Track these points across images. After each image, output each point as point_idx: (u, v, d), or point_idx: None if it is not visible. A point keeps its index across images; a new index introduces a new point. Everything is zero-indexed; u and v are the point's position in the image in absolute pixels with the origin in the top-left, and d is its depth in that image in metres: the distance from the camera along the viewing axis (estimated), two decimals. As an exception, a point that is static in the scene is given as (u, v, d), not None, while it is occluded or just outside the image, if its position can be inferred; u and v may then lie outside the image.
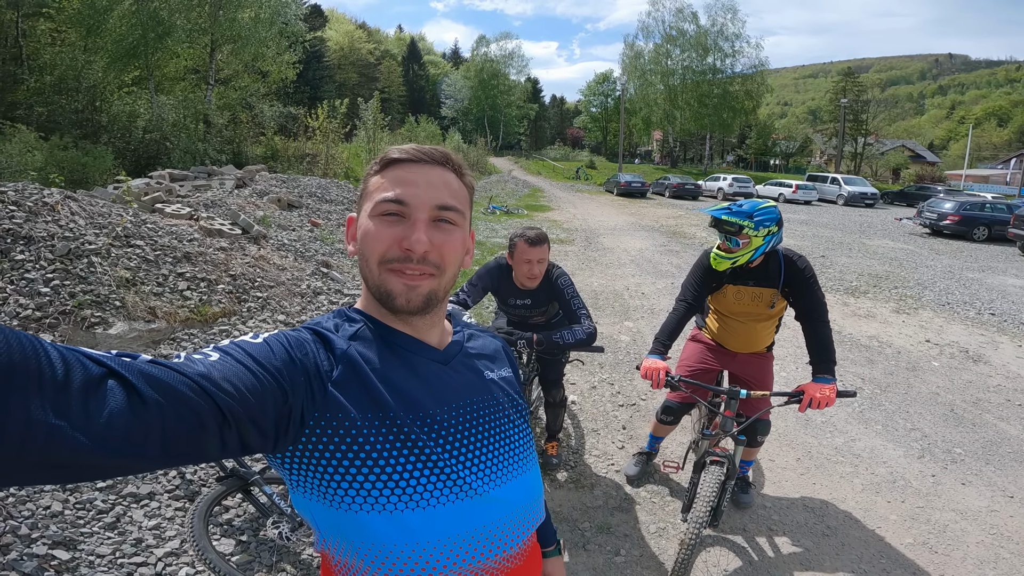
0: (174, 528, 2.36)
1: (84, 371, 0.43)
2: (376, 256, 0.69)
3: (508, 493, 0.73)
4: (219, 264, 4.12)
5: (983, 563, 2.54)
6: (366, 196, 0.74)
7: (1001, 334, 6.02)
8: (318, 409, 0.62)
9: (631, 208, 20.43)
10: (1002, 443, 3.63)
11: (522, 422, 0.82)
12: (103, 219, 3.83)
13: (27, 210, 3.55)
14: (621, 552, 2.53)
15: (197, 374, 0.51)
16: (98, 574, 2.07)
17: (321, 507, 0.64)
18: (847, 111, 41.63)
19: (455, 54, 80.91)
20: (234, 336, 3.75)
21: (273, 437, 0.58)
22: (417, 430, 0.66)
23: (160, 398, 0.46)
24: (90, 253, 3.39)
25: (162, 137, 15.50)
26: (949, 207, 15.12)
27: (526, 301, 2.71)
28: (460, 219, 0.74)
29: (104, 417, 0.42)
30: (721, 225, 2.28)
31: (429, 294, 0.71)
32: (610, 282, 7.87)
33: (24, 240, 3.32)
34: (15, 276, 3.19)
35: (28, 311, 3.06)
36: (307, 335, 0.67)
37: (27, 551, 2.05)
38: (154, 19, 16.39)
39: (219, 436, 0.51)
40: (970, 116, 70.79)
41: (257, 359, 0.58)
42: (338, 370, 0.65)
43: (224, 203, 6.64)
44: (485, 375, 0.80)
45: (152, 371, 0.48)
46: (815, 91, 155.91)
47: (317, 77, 41.58)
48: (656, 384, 2.27)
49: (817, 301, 2.37)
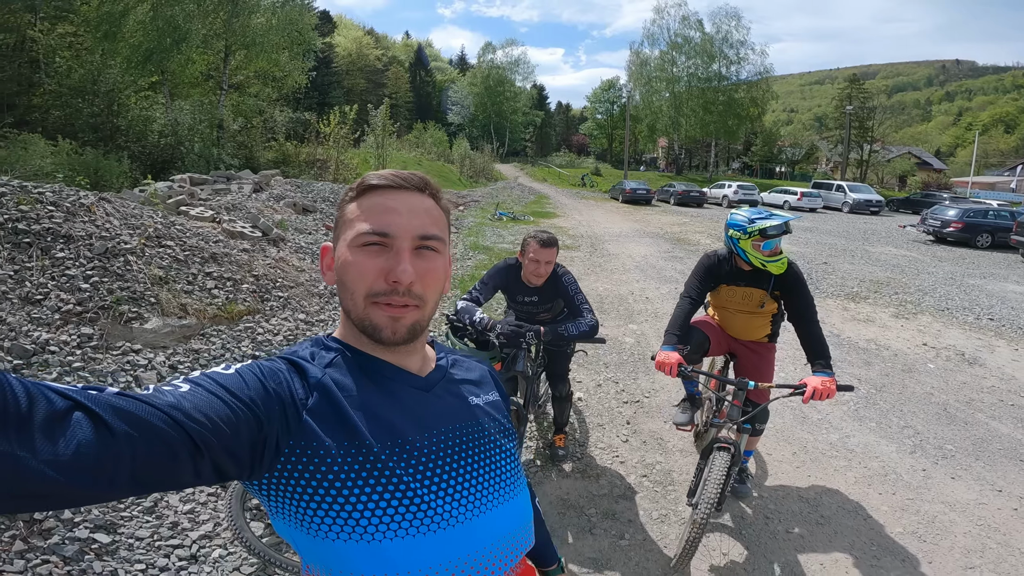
0: (207, 512, 2.51)
1: (48, 404, 0.44)
2: (362, 291, 0.69)
3: (493, 521, 0.72)
4: (243, 265, 4.33)
5: (970, 552, 2.67)
6: (344, 224, 0.73)
7: (998, 338, 6.15)
8: (292, 437, 0.62)
9: (636, 215, 20.58)
10: (993, 440, 3.77)
11: (510, 446, 0.81)
12: (135, 220, 4.05)
13: (65, 211, 3.77)
14: (625, 536, 2.69)
15: (167, 405, 0.52)
16: (137, 556, 2.21)
17: (300, 534, 0.64)
18: (852, 118, 41.69)
19: (461, 60, 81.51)
20: (256, 333, 3.95)
21: (248, 465, 0.59)
22: (394, 459, 0.66)
23: (130, 429, 0.47)
24: (125, 252, 3.60)
25: (177, 142, 15.81)
26: (952, 214, 15.21)
27: (533, 298, 2.90)
28: (442, 247, 0.74)
29: (71, 449, 0.43)
30: (777, 229, 2.49)
31: (414, 325, 0.71)
32: (615, 287, 8.03)
33: (64, 239, 3.54)
34: (56, 273, 3.41)
35: (69, 306, 3.27)
36: (281, 365, 0.67)
37: (69, 535, 2.18)
38: (170, 25, 16.77)
39: (192, 466, 0.52)
40: (977, 122, 70.59)
41: (230, 389, 0.59)
42: (313, 398, 0.65)
43: (243, 207, 6.89)
44: (470, 400, 0.79)
45: (120, 403, 0.48)
46: (821, 97, 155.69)
47: (326, 83, 42.04)
48: (670, 373, 2.44)
49: (808, 303, 2.59)
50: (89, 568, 2.09)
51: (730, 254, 2.71)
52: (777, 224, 2.48)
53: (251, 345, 3.70)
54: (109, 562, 2.15)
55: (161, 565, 2.20)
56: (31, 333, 3.09)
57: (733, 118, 41.72)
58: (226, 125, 18.33)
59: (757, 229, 2.49)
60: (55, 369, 2.99)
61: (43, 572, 2.02)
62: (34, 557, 2.06)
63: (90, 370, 3.06)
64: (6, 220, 3.58)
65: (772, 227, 2.47)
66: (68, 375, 3.01)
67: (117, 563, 2.15)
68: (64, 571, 2.05)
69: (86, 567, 2.08)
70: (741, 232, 2.54)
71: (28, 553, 2.07)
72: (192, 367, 3.35)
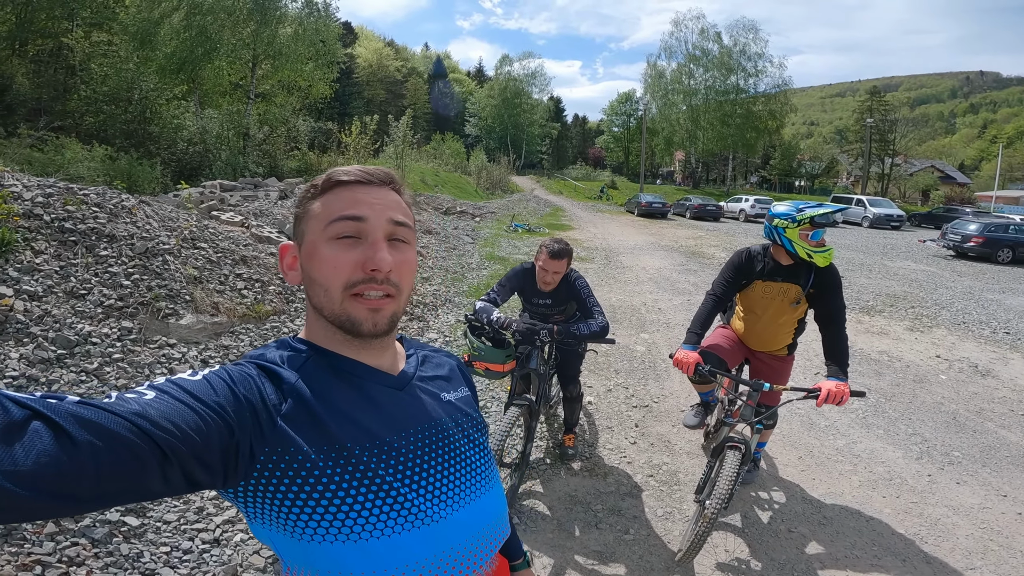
0: (233, 497, 2.69)
1: (4, 414, 0.42)
2: (339, 283, 0.68)
3: (470, 515, 0.73)
4: (270, 268, 4.55)
5: (971, 554, 2.72)
6: (310, 219, 0.71)
7: (1013, 351, 6.12)
8: (268, 444, 0.62)
9: (651, 228, 20.62)
10: (1001, 448, 3.80)
11: (482, 439, 0.82)
12: (172, 222, 4.30)
13: (108, 211, 4.02)
14: (630, 531, 2.79)
15: (132, 413, 0.50)
16: (163, 539, 2.33)
17: (283, 537, 0.64)
18: (873, 131, 41.30)
19: (479, 72, 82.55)
20: (282, 332, 4.15)
21: (221, 473, 0.58)
22: (374, 461, 0.66)
23: (92, 439, 0.46)
24: (164, 252, 3.84)
25: (205, 149, 16.32)
26: (973, 229, 15.02)
27: (547, 301, 3.04)
28: (411, 236, 0.74)
29: (30, 460, 0.42)
30: (825, 218, 2.46)
31: (392, 316, 0.71)
32: (628, 298, 8.13)
33: (108, 238, 3.78)
34: (99, 269, 3.64)
35: (111, 301, 3.50)
36: (251, 369, 0.66)
37: (100, 518, 2.28)
38: (202, 35, 17.36)
39: (160, 474, 0.51)
40: (1002, 135, 69.21)
41: (197, 396, 0.57)
42: (287, 404, 0.65)
43: (270, 212, 7.17)
44: (442, 397, 0.80)
45: (82, 412, 0.47)
46: (842, 110, 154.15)
47: (347, 93, 42.90)
48: (687, 372, 2.51)
49: (839, 306, 2.55)
50: (116, 550, 2.17)
51: (765, 249, 2.69)
52: (826, 212, 2.45)
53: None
54: (136, 544, 2.24)
55: (185, 548, 2.30)
56: (75, 325, 3.32)
57: (751, 131, 41.59)
58: (252, 134, 18.85)
59: (808, 217, 2.45)
60: (96, 359, 3.21)
61: (71, 554, 2.08)
62: (64, 539, 2.13)
63: (128, 361, 3.27)
64: (53, 219, 3.84)
65: (820, 215, 2.44)
66: (108, 365, 3.23)
67: (144, 545, 2.25)
68: (92, 553, 2.11)
69: (113, 549, 2.17)
70: (789, 221, 2.48)
71: (58, 535, 2.14)
72: (223, 362, 3.55)
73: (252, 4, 18.38)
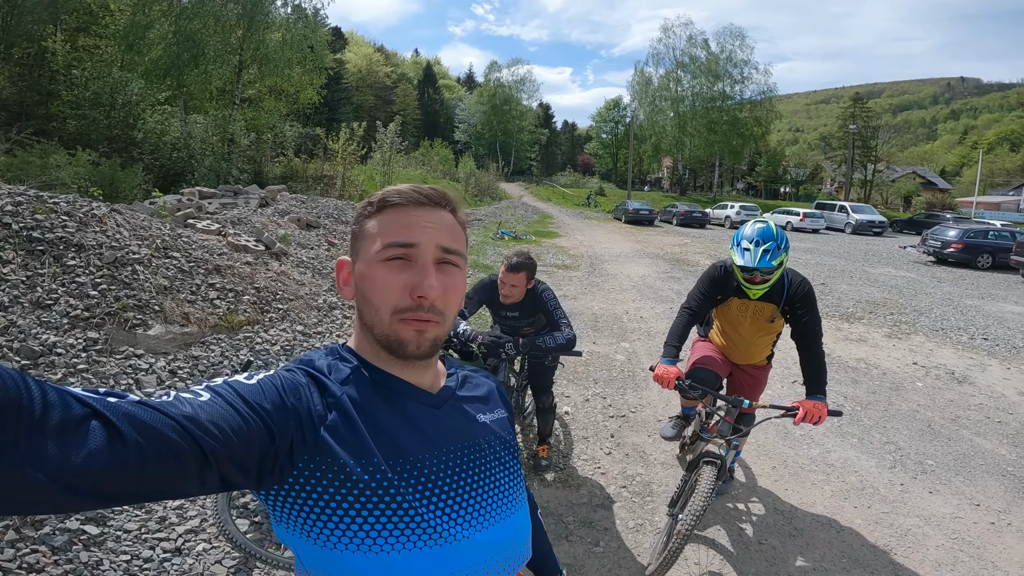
0: (195, 508, 2.61)
1: (65, 411, 0.44)
2: (388, 307, 0.70)
3: (493, 536, 0.73)
4: (245, 277, 4.49)
5: (940, 565, 2.72)
6: (365, 238, 0.73)
7: (991, 357, 6.20)
8: (308, 452, 0.64)
9: (638, 236, 20.72)
10: (975, 456, 3.83)
11: (513, 463, 0.83)
12: (144, 231, 4.23)
13: (78, 220, 3.95)
14: (600, 544, 2.76)
15: (183, 416, 0.52)
16: (123, 547, 2.29)
17: (303, 543, 0.66)
18: (856, 138, 41.94)
19: (469, 78, 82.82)
20: (255, 342, 4.10)
21: (256, 477, 0.59)
22: (400, 479, 0.67)
23: (140, 439, 0.47)
24: (134, 262, 3.77)
25: (189, 155, 16.16)
26: (953, 235, 15.26)
27: (515, 313, 3.03)
28: (462, 262, 0.75)
29: (81, 458, 0.43)
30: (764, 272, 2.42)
31: (435, 339, 0.72)
32: (611, 306, 8.14)
33: (76, 247, 3.71)
34: (66, 279, 3.57)
35: (77, 311, 3.43)
36: (302, 378, 0.68)
37: (60, 526, 2.25)
38: (189, 40, 17.22)
39: (199, 476, 0.52)
40: (982, 141, 70.42)
41: (247, 400, 0.60)
42: (331, 416, 0.67)
43: (249, 221, 7.09)
44: (478, 418, 0.80)
45: (137, 412, 0.49)
46: (827, 117, 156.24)
47: (336, 99, 42.75)
48: (667, 386, 2.48)
49: (815, 322, 2.54)
50: (76, 558, 2.16)
51: None
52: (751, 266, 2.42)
53: (249, 353, 3.84)
54: (96, 552, 2.23)
55: (146, 556, 2.28)
56: (39, 336, 3.24)
57: (737, 138, 42.04)
58: (237, 140, 18.70)
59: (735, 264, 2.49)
60: (60, 370, 3.14)
61: (31, 560, 2.07)
62: (24, 547, 2.12)
63: (93, 372, 3.20)
64: (22, 228, 3.76)
65: (747, 266, 2.43)
66: (73, 376, 3.16)
67: (103, 553, 2.24)
68: (52, 560, 2.11)
69: (73, 556, 2.16)
70: (732, 248, 2.51)
71: (19, 543, 2.13)
72: (191, 373, 3.49)
73: (240, 10, 18.26)
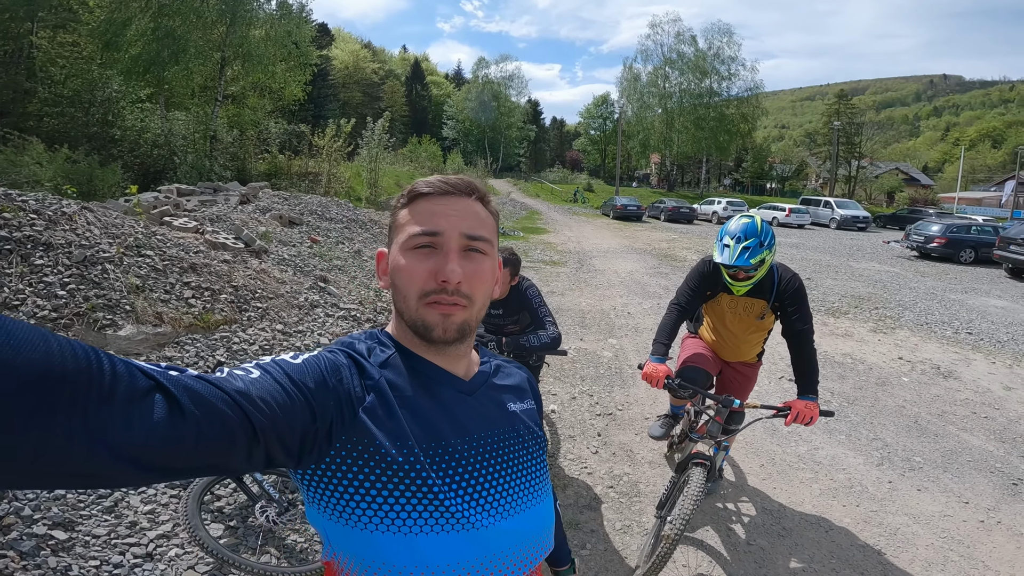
0: (168, 513, 2.51)
1: (132, 382, 0.45)
2: (415, 292, 0.72)
3: (517, 525, 0.74)
4: (222, 275, 4.36)
5: (930, 565, 2.69)
6: (396, 229, 0.77)
7: (976, 352, 6.24)
8: (345, 432, 0.66)
9: (626, 231, 20.73)
10: (963, 452, 3.82)
11: (540, 453, 0.84)
12: (116, 229, 4.09)
13: (47, 219, 3.80)
14: (587, 546, 2.70)
15: (235, 391, 0.54)
16: (92, 553, 2.22)
17: (334, 524, 0.67)
18: (840, 134, 42.36)
19: (458, 75, 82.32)
20: (232, 342, 3.98)
21: (296, 455, 0.61)
22: (430, 463, 0.69)
23: (198, 412, 0.49)
24: (104, 261, 3.63)
25: (170, 152, 15.86)
26: (936, 230, 15.43)
27: (499, 311, 2.95)
28: (489, 248, 0.76)
29: (144, 431, 0.44)
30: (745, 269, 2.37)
31: (462, 324, 0.73)
32: (598, 302, 8.10)
33: (44, 247, 3.57)
34: (34, 279, 3.43)
35: (44, 312, 3.29)
36: (343, 359, 0.71)
37: (27, 531, 2.19)
38: (169, 36, 16.88)
39: (247, 450, 0.54)
40: (964, 137, 71.48)
41: (293, 379, 0.62)
42: (369, 398, 0.69)
43: (228, 218, 6.92)
44: (508, 407, 0.82)
45: (195, 385, 0.51)
46: (812, 113, 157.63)
47: (322, 95, 42.25)
48: (656, 385, 2.41)
49: (806, 319, 2.46)
50: (44, 563, 2.11)
51: None
52: (728, 264, 2.39)
53: (226, 354, 3.72)
54: (64, 558, 2.16)
55: (116, 562, 2.21)
56: (4, 341, 3.10)
57: (724, 134, 42.30)
58: (220, 136, 18.38)
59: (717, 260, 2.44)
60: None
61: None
62: None
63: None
64: (-14, 228, 3.60)
65: (725, 264, 2.40)
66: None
67: (72, 559, 2.17)
68: (20, 565, 2.06)
69: (41, 562, 2.10)
70: (715, 243, 2.47)
71: None
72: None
73: (223, 6, 17.91)
